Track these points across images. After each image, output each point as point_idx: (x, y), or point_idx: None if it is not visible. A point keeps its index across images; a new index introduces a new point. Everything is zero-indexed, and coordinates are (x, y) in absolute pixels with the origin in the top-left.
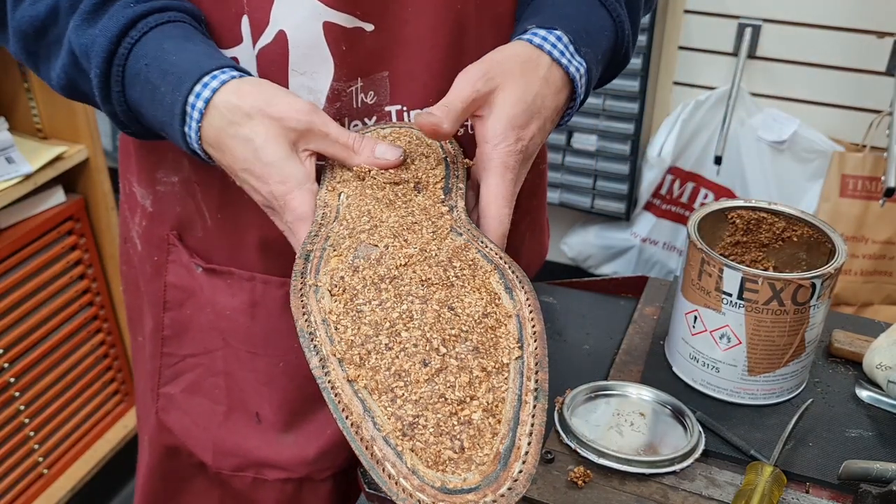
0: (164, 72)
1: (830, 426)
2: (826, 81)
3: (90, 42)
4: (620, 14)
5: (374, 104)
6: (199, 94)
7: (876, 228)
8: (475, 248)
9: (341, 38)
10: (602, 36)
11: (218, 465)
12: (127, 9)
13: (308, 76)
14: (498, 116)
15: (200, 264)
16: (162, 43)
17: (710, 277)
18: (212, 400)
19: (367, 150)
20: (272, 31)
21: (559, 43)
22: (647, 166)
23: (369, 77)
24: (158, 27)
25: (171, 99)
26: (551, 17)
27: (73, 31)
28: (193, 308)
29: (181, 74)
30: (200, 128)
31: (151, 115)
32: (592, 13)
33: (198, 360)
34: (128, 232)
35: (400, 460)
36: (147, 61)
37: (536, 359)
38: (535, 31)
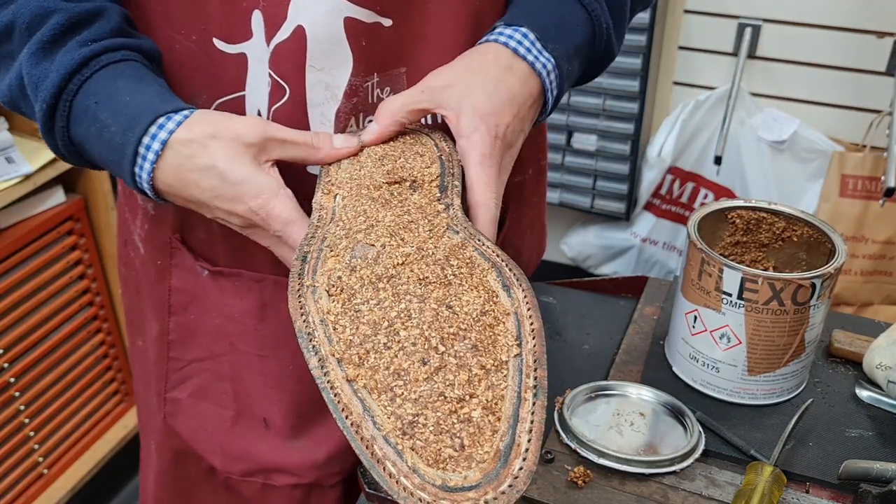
0: (115, 112)
1: (830, 426)
2: (826, 81)
3: (42, 75)
4: (596, 8)
5: None
6: (155, 135)
7: (876, 228)
8: (472, 246)
9: (362, 34)
10: (574, 31)
11: (227, 469)
12: (83, 47)
13: (326, 72)
14: (462, 109)
15: (206, 267)
16: (115, 82)
17: (710, 277)
18: (219, 405)
19: (326, 145)
20: (290, 27)
21: (525, 39)
22: (646, 166)
23: (386, 73)
24: (112, 65)
25: (122, 139)
26: (517, 15)
27: (27, 59)
28: (199, 312)
29: (134, 115)
30: (155, 169)
31: (97, 152)
32: (564, 8)
33: (204, 365)
34: (129, 234)
35: (400, 459)
36: (97, 99)
37: (535, 356)
38: (501, 31)
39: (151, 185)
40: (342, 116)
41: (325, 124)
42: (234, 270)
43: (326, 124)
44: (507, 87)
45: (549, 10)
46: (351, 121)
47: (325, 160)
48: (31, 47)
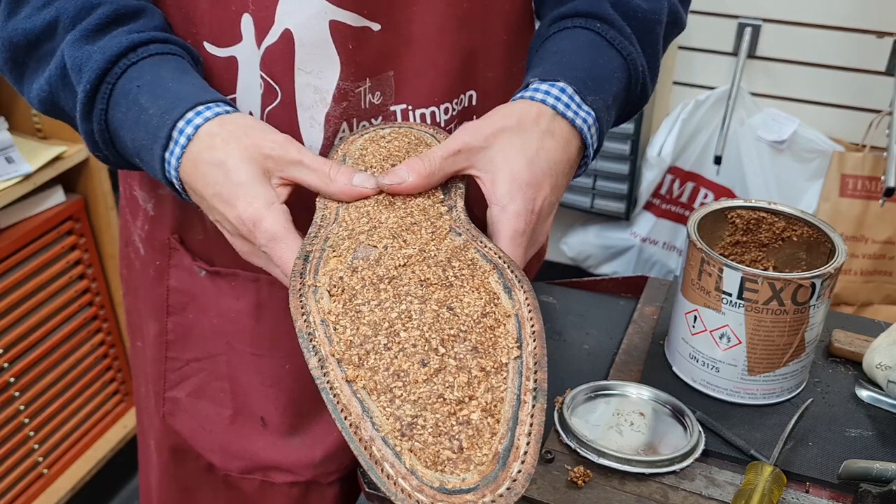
0: (156, 95)
1: (830, 426)
2: (826, 81)
3: (85, 57)
4: (632, 52)
5: (380, 104)
6: (191, 120)
7: (876, 228)
8: (474, 248)
9: (348, 38)
10: (612, 79)
11: (226, 467)
12: (131, 34)
13: (314, 75)
14: (501, 175)
15: (203, 267)
16: (159, 70)
17: (710, 277)
18: (217, 404)
19: (343, 179)
20: (278, 30)
21: (563, 95)
22: (646, 166)
23: (377, 77)
24: (158, 56)
25: (159, 122)
26: (553, 68)
27: (70, 44)
28: (196, 312)
29: (175, 99)
30: (183, 154)
31: (131, 137)
32: (600, 56)
33: (202, 365)
34: (129, 235)
35: (398, 460)
36: (140, 83)
37: (535, 358)
38: (537, 87)
39: (178, 174)
40: (332, 120)
41: (314, 127)
42: (231, 270)
43: (316, 127)
44: (548, 155)
45: (585, 60)
46: (343, 125)
47: (336, 195)
48: (76, 34)
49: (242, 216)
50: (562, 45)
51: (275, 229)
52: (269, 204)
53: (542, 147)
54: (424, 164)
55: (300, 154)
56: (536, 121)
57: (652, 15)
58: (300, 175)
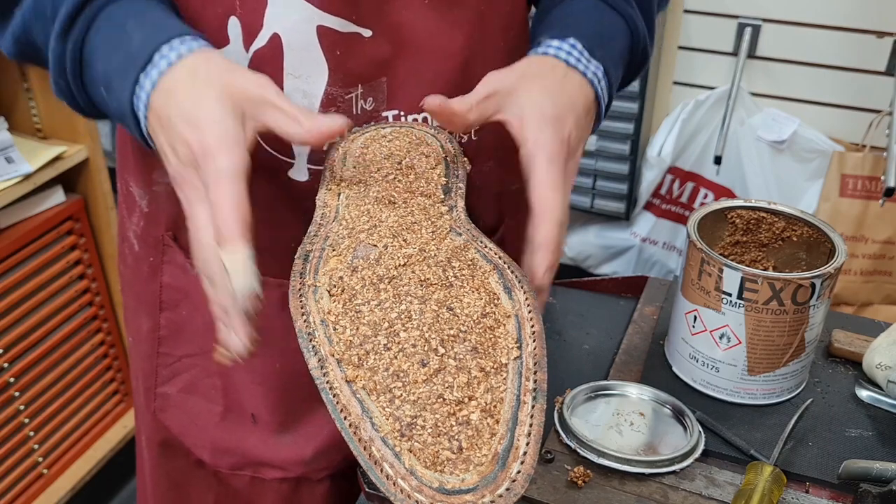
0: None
1: (830, 426)
2: (826, 81)
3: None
4: (631, 14)
5: (372, 110)
6: (175, 47)
7: (876, 228)
8: (474, 248)
9: (336, 43)
10: (616, 38)
11: (216, 462)
12: None
13: (303, 80)
14: (527, 114)
15: None
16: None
17: (710, 277)
18: (208, 400)
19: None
20: (266, 34)
21: (574, 50)
22: (646, 166)
23: (369, 84)
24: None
25: (141, 44)
26: (563, 28)
27: None
28: (189, 308)
29: (162, 28)
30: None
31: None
32: (604, 17)
33: (193, 361)
34: (125, 232)
35: (398, 461)
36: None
37: (535, 359)
38: (549, 43)
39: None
40: None
41: None
42: None
43: None
44: (568, 94)
45: (591, 20)
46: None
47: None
48: None
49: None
50: (569, 11)
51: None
52: (236, 143)
53: (562, 88)
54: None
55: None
56: (553, 69)
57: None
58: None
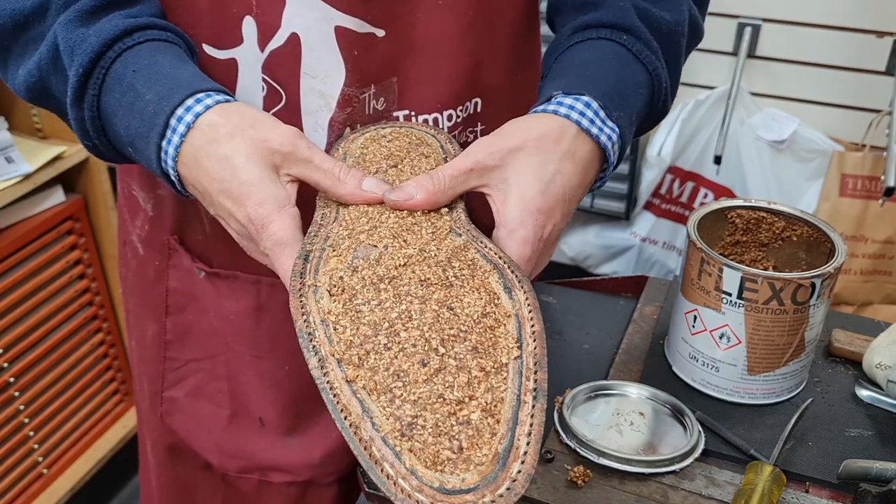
0: (153, 81)
1: (830, 426)
2: (826, 81)
3: (79, 40)
4: (657, 66)
5: (384, 110)
6: (190, 107)
7: (875, 228)
8: (474, 248)
9: (353, 44)
10: (637, 94)
11: (223, 466)
12: (128, 18)
13: (319, 80)
14: (513, 198)
15: (203, 268)
16: (156, 55)
17: (710, 277)
18: (215, 404)
19: (353, 182)
20: (284, 34)
21: (588, 110)
22: (646, 166)
23: (381, 83)
24: (155, 42)
25: (156, 108)
26: (578, 81)
27: (63, 25)
28: (195, 312)
29: (173, 86)
30: (182, 143)
31: (125, 125)
32: (626, 69)
33: (200, 365)
34: (127, 235)
35: (398, 461)
36: (136, 68)
37: (535, 359)
38: (561, 101)
39: (175, 164)
40: (335, 125)
41: (318, 132)
42: (231, 272)
43: (320, 132)
44: (564, 180)
45: (610, 73)
46: (346, 130)
47: (345, 198)
48: (69, 15)
49: (252, 216)
50: (586, 57)
51: (281, 234)
52: (280, 207)
53: (559, 171)
54: (434, 183)
55: (310, 152)
56: (558, 140)
57: (675, 27)
58: (308, 173)
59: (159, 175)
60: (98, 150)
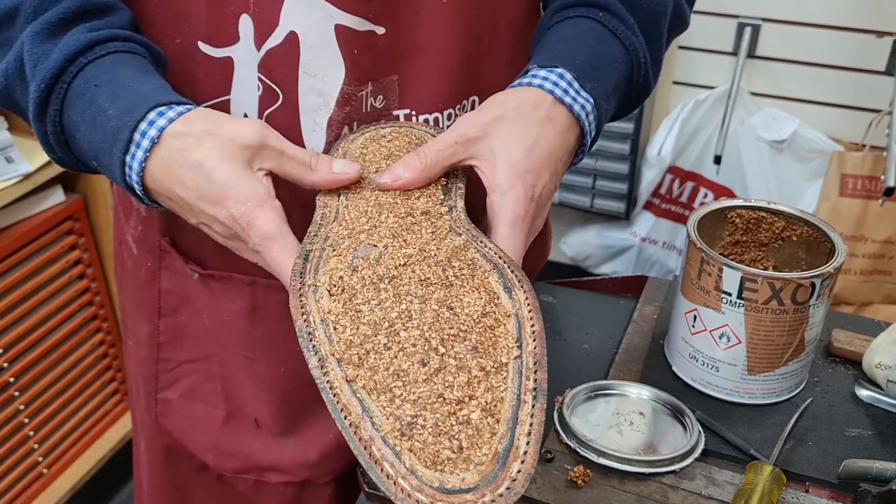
0: (115, 96)
1: (830, 425)
2: (826, 81)
3: (43, 55)
4: (634, 42)
5: (383, 108)
6: (153, 121)
7: (875, 228)
8: (474, 248)
9: (353, 42)
10: (612, 67)
11: (220, 466)
12: (91, 32)
13: (318, 79)
14: (500, 163)
15: (196, 270)
16: (118, 68)
17: (710, 277)
18: (210, 405)
19: (324, 167)
20: (282, 32)
21: (561, 80)
22: (646, 165)
23: (379, 81)
24: (118, 54)
25: (118, 123)
26: (553, 55)
27: (30, 38)
28: (188, 314)
29: (134, 101)
30: (147, 158)
31: (88, 140)
32: (601, 44)
33: (194, 366)
34: (122, 235)
35: (398, 460)
36: (98, 83)
37: (535, 358)
38: (535, 73)
39: (141, 179)
40: (334, 124)
41: (317, 131)
42: (225, 273)
43: (319, 131)
44: (547, 143)
45: (585, 47)
46: (344, 129)
47: (319, 184)
48: (36, 27)
49: (235, 215)
50: (563, 34)
51: (268, 228)
52: (261, 202)
53: (541, 135)
54: (420, 159)
55: (280, 143)
56: (536, 108)
57: (656, 6)
58: (280, 165)
59: (125, 188)
60: (63, 161)
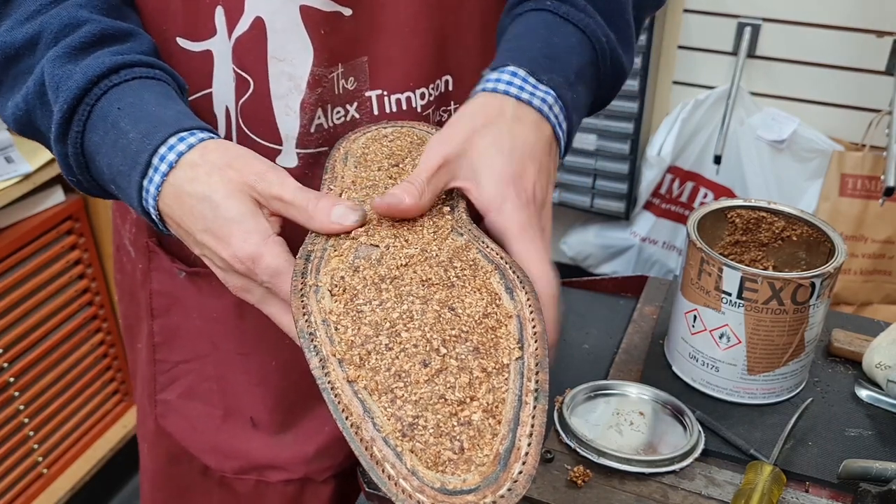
0: (137, 119)
1: (830, 425)
2: (826, 81)
3: (65, 76)
4: (590, 24)
5: (355, 90)
6: (173, 146)
7: (875, 228)
8: (476, 249)
9: (320, 23)
10: (571, 55)
11: (220, 467)
12: (116, 55)
13: (287, 63)
14: (485, 178)
15: (182, 269)
16: (142, 93)
17: (710, 277)
18: (207, 404)
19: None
20: (248, 19)
21: (515, 79)
22: (646, 165)
23: (349, 63)
24: (143, 79)
25: (139, 147)
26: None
27: (51, 61)
28: (180, 314)
29: (157, 124)
30: (163, 183)
31: (107, 162)
32: (554, 34)
33: (190, 366)
34: (120, 240)
35: (399, 461)
36: (121, 106)
37: (537, 359)
38: (489, 78)
39: (156, 204)
40: (307, 107)
41: (290, 115)
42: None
43: (292, 115)
44: (522, 141)
45: (536, 40)
46: (318, 112)
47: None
48: (58, 51)
49: (239, 254)
50: (515, 31)
51: (276, 264)
52: (265, 238)
53: (514, 136)
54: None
55: (281, 188)
56: (501, 112)
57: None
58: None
59: (140, 213)
60: (81, 185)
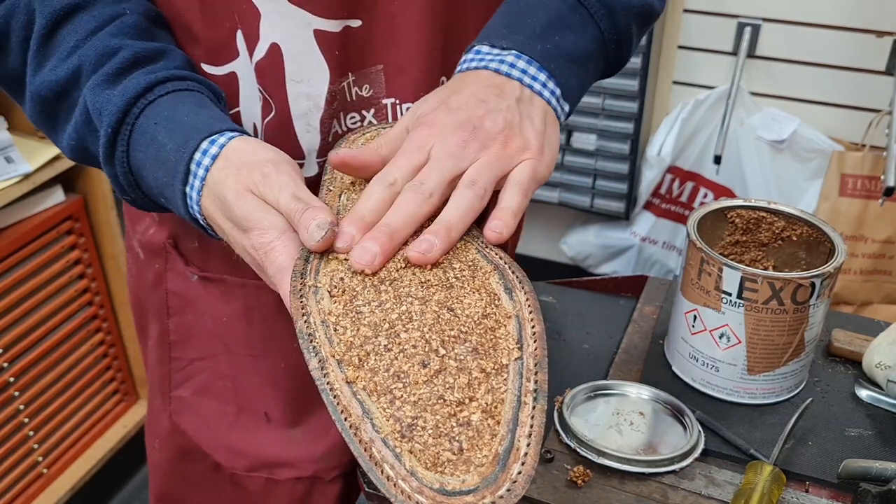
0: (173, 130)
1: (830, 425)
2: (825, 80)
3: (106, 101)
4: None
5: (371, 97)
6: (207, 150)
7: (875, 228)
8: (475, 249)
9: (333, 43)
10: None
11: (231, 465)
12: (149, 75)
13: (305, 83)
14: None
15: (195, 273)
16: (176, 105)
17: (710, 277)
18: (221, 401)
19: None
20: (265, 45)
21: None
22: (646, 165)
23: (361, 71)
24: (176, 92)
25: (177, 157)
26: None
27: (91, 90)
28: (194, 315)
29: (190, 132)
30: (203, 187)
31: (153, 176)
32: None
33: (204, 364)
34: (130, 241)
35: (398, 462)
36: (157, 121)
37: (536, 360)
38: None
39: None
40: (326, 122)
41: (311, 132)
42: (218, 276)
43: (313, 132)
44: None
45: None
46: (333, 122)
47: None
48: (97, 79)
49: (255, 244)
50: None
51: (281, 261)
52: (281, 232)
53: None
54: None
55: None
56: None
57: None
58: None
59: (189, 221)
60: (136, 203)
